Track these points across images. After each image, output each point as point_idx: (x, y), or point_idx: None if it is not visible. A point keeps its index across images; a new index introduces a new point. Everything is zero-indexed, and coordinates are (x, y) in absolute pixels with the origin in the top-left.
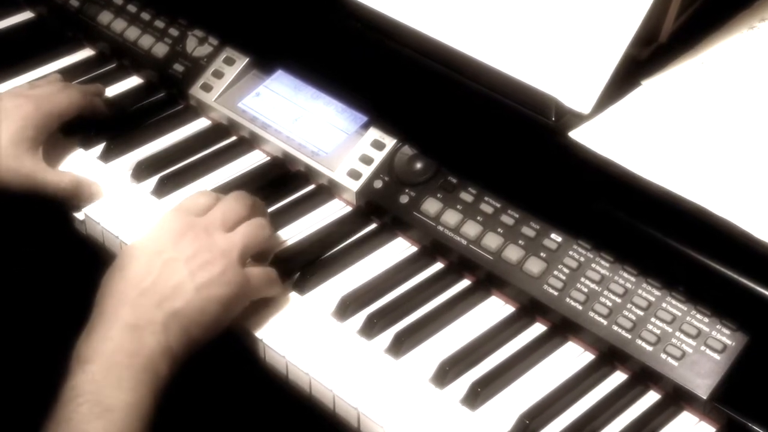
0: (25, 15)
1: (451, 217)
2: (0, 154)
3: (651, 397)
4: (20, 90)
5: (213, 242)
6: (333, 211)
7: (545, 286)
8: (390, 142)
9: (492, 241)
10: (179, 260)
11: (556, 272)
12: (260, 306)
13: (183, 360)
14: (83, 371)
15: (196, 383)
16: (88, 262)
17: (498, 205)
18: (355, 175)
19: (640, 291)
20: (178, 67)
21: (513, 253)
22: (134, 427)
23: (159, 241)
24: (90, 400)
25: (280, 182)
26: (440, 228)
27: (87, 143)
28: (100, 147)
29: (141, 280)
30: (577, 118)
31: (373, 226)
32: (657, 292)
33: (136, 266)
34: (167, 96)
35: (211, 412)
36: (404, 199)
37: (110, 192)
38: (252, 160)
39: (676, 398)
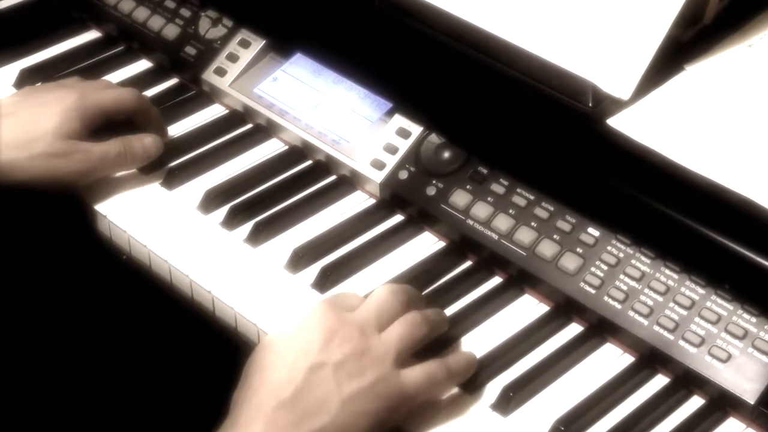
0: None
1: (482, 210)
2: (46, 150)
3: (694, 403)
4: (65, 81)
5: (366, 346)
6: (355, 203)
7: (582, 284)
8: (416, 129)
9: (525, 235)
10: (327, 366)
11: (593, 269)
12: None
13: None
14: None
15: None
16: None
17: (531, 198)
18: (378, 165)
19: (683, 289)
20: (190, 50)
21: (547, 249)
22: None
23: (307, 339)
24: None
25: (299, 173)
26: (470, 222)
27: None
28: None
29: (281, 390)
30: (616, 105)
31: (398, 219)
32: (701, 290)
33: (279, 369)
34: (178, 81)
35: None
36: (431, 190)
37: (119, 187)
38: (269, 150)
39: (722, 403)
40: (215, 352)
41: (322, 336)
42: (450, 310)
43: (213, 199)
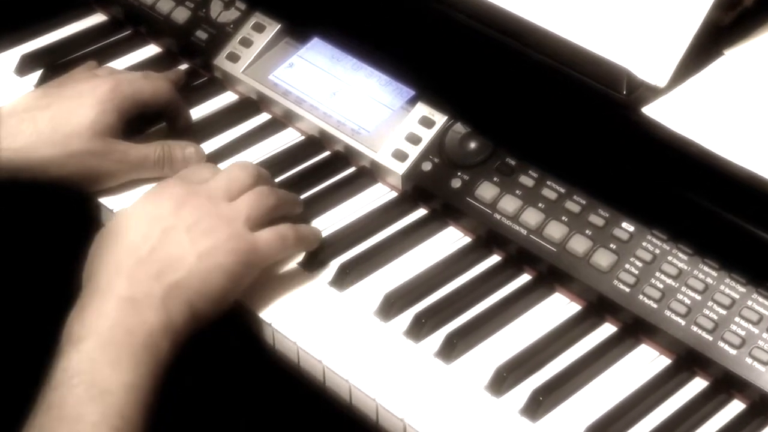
0: None
1: (510, 203)
2: (82, 148)
3: (735, 407)
4: (101, 72)
5: (216, 210)
6: (376, 196)
7: (615, 282)
8: (440, 119)
9: (555, 230)
10: (179, 228)
11: (627, 266)
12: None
13: (186, 337)
14: (76, 350)
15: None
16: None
17: (562, 190)
18: (400, 156)
19: (722, 287)
20: (201, 35)
21: (579, 245)
22: (134, 410)
23: (157, 207)
24: (85, 381)
25: (316, 164)
26: (497, 216)
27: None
28: None
29: (137, 249)
30: (652, 92)
31: (421, 213)
32: (742, 289)
33: (132, 233)
34: (189, 67)
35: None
36: (456, 183)
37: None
38: (284, 139)
39: (764, 408)
40: None
41: (172, 204)
42: (476, 310)
43: None
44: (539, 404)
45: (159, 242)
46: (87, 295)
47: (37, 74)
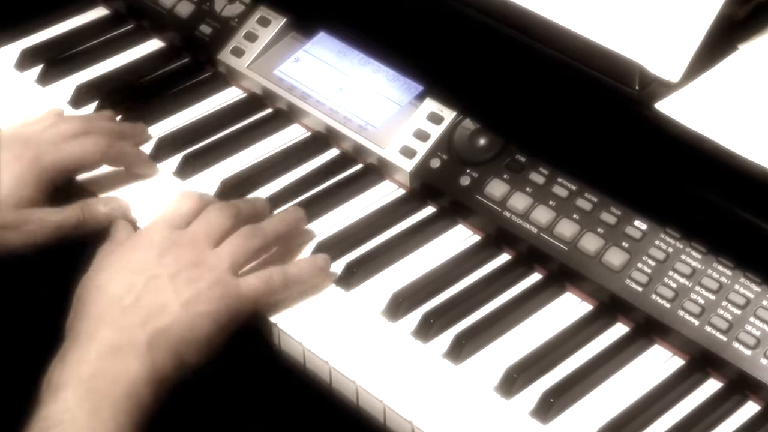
0: None
1: (520, 201)
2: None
3: (750, 409)
4: (24, 131)
5: (199, 257)
6: (383, 194)
7: (628, 281)
8: (449, 114)
9: (566, 228)
10: (163, 277)
11: (640, 265)
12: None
13: (171, 385)
14: (55, 399)
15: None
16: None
17: (573, 188)
18: (408, 152)
19: (737, 286)
20: (205, 29)
21: (591, 243)
22: None
23: (140, 256)
24: (64, 431)
25: (323, 161)
26: (507, 214)
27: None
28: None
29: (121, 298)
30: (665, 88)
31: (429, 211)
32: (756, 288)
33: (116, 283)
34: (192, 62)
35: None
36: (465, 180)
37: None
38: (290, 136)
39: None
40: None
41: (156, 252)
42: (486, 309)
43: (231, 190)
44: (550, 406)
45: (143, 291)
46: (69, 343)
47: (38, 69)
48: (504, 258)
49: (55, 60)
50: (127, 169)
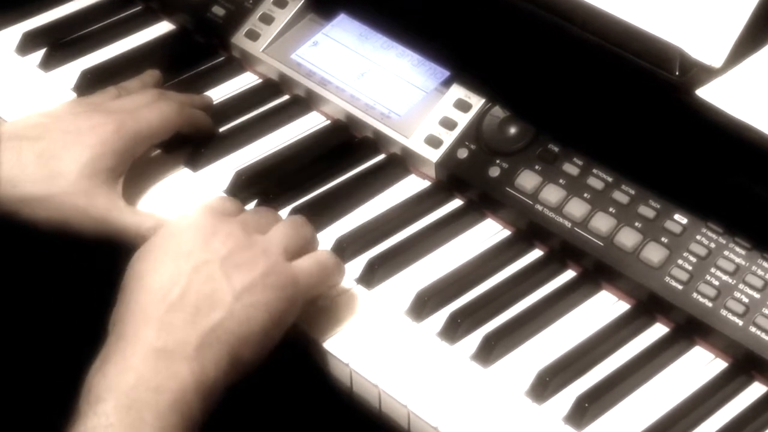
0: None
1: (552, 193)
2: (68, 190)
3: None
4: (99, 101)
5: (250, 241)
6: (407, 186)
7: (667, 279)
8: (477, 101)
9: (602, 223)
10: (213, 262)
11: (680, 261)
12: (317, 302)
13: (223, 391)
14: (95, 413)
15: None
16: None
17: (609, 179)
18: (434, 142)
19: None
20: (218, 11)
21: (628, 238)
22: None
23: (183, 242)
24: None
25: (343, 151)
26: (539, 207)
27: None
28: None
29: (167, 292)
30: (706, 73)
31: (456, 204)
32: None
33: (160, 274)
34: (205, 46)
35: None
36: (495, 171)
37: None
38: (308, 124)
39: None
40: None
41: (201, 236)
42: (517, 309)
43: (245, 183)
44: (585, 411)
45: (190, 282)
46: (111, 347)
47: (40, 54)
48: (536, 254)
49: (58, 43)
50: (199, 132)
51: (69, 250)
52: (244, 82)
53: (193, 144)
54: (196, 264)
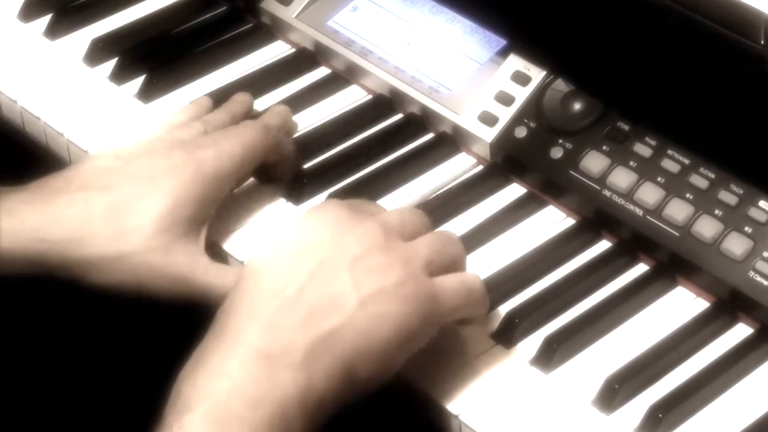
0: None
1: (622, 177)
2: (142, 248)
3: None
4: (182, 136)
5: (390, 244)
6: (458, 169)
7: (751, 273)
8: (538, 74)
9: (678, 210)
10: (340, 262)
11: (766, 254)
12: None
13: (331, 411)
14: (179, 425)
15: None
16: None
17: (686, 162)
18: (489, 120)
19: None
20: None
21: (707, 228)
22: None
23: (313, 233)
24: None
25: (386, 129)
26: (607, 193)
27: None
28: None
29: (281, 288)
30: None
31: (513, 190)
32: None
33: (278, 268)
34: (230, 11)
35: None
36: (557, 152)
37: None
38: (347, 99)
39: None
40: None
41: (334, 230)
42: (582, 307)
43: None
44: (659, 422)
45: (311, 279)
46: (209, 342)
47: (46, 20)
48: (603, 245)
49: (66, 8)
50: (282, 165)
51: (145, 314)
52: (274, 52)
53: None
54: (321, 260)
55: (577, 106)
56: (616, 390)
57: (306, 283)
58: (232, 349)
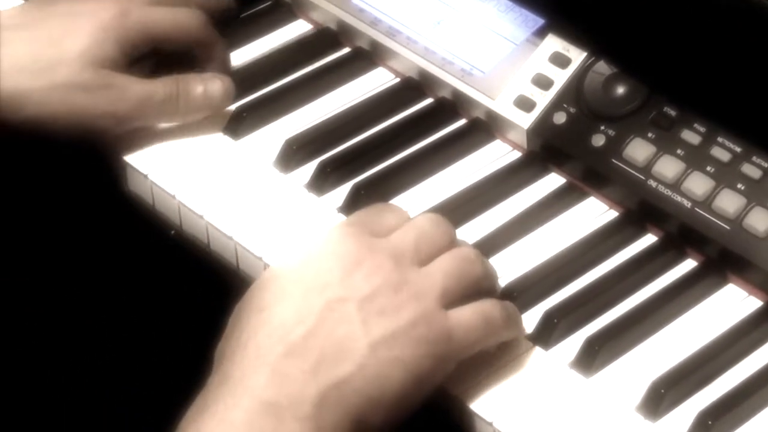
0: None
1: (669, 166)
2: (71, 76)
3: None
4: None
5: (402, 278)
6: (493, 157)
7: None
8: (578, 56)
9: (729, 201)
10: (350, 302)
11: None
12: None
13: None
14: None
15: None
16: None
17: (737, 150)
18: (526, 104)
19: None
20: None
21: (760, 221)
22: None
23: (321, 270)
24: None
25: (416, 115)
26: (652, 183)
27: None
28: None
29: (289, 331)
30: None
31: (552, 179)
32: None
33: (284, 308)
34: None
35: None
36: (599, 140)
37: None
38: (373, 82)
39: None
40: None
41: (342, 266)
42: (625, 306)
43: (296, 152)
44: (708, 430)
45: (319, 322)
46: (212, 389)
47: None
48: (648, 239)
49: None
50: (210, 66)
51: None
52: (295, 31)
53: (236, 110)
54: (329, 301)
55: (621, 90)
56: (663, 395)
57: (314, 326)
58: (236, 398)
